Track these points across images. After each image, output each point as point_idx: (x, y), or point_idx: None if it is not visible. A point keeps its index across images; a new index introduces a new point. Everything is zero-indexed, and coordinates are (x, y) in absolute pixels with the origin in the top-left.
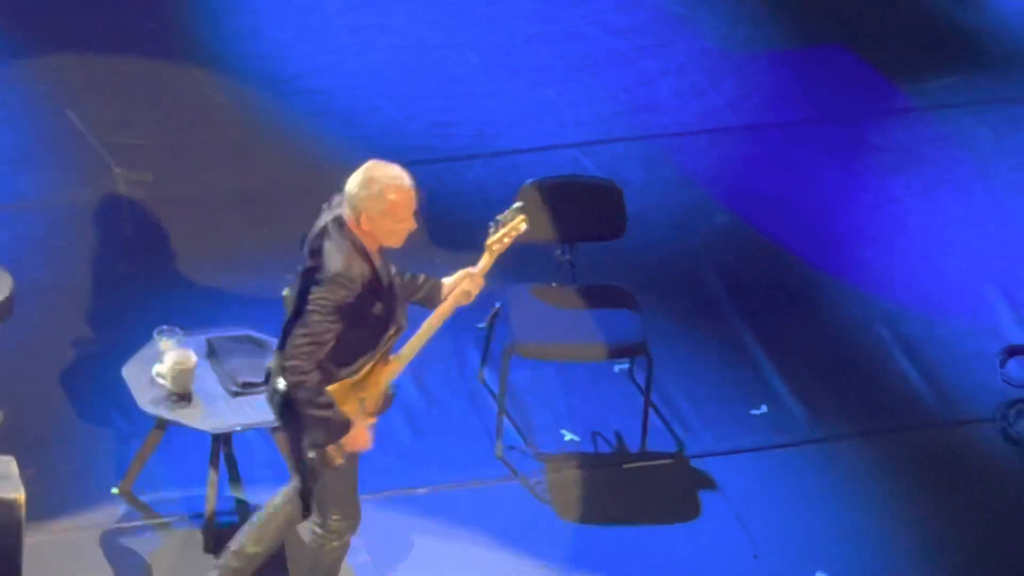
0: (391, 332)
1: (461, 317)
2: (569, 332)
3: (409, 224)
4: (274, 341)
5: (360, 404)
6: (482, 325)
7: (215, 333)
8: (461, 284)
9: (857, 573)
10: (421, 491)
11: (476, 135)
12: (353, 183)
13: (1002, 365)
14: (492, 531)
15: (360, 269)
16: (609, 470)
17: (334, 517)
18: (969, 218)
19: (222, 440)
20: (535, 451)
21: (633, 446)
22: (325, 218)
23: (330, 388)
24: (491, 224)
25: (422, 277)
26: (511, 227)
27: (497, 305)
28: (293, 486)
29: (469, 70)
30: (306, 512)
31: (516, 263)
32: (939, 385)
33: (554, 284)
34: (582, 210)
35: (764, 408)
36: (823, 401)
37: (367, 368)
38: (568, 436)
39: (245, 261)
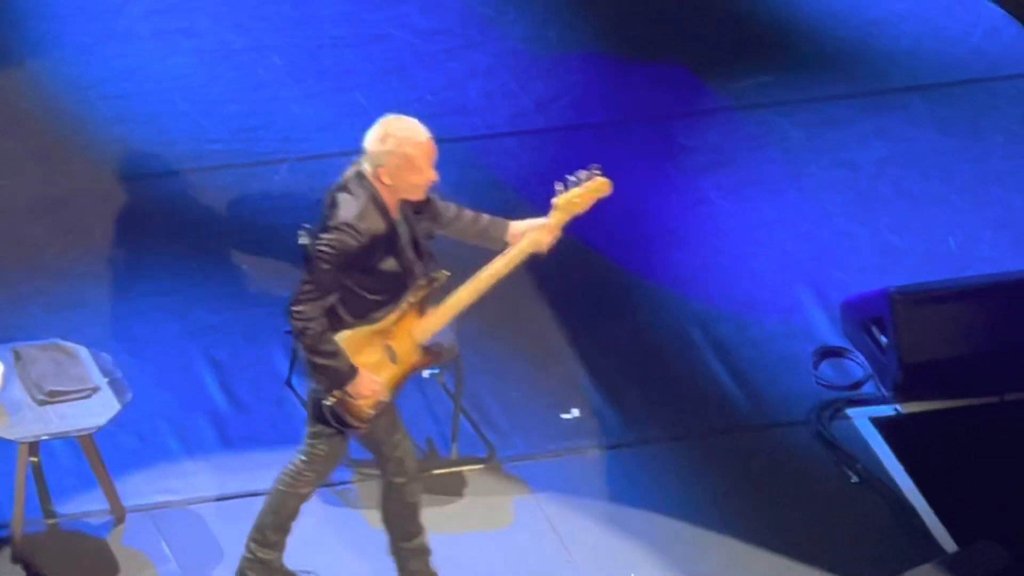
0: (421, 285)
1: (265, 323)
2: None
3: (429, 175)
4: (81, 349)
5: (388, 351)
6: (289, 331)
7: (21, 342)
8: (533, 232)
9: None
10: (230, 499)
11: (282, 139)
12: (370, 139)
13: (815, 367)
14: (302, 539)
15: (372, 222)
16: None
17: (402, 457)
18: (781, 219)
19: (28, 449)
20: (345, 457)
21: (444, 451)
22: (348, 172)
23: (349, 333)
24: (560, 183)
25: (486, 218)
26: (590, 187)
27: None
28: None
29: (275, 74)
30: None
31: None
32: (752, 387)
33: None
34: None
35: (575, 412)
36: (635, 404)
37: (392, 318)
38: None
39: (51, 269)
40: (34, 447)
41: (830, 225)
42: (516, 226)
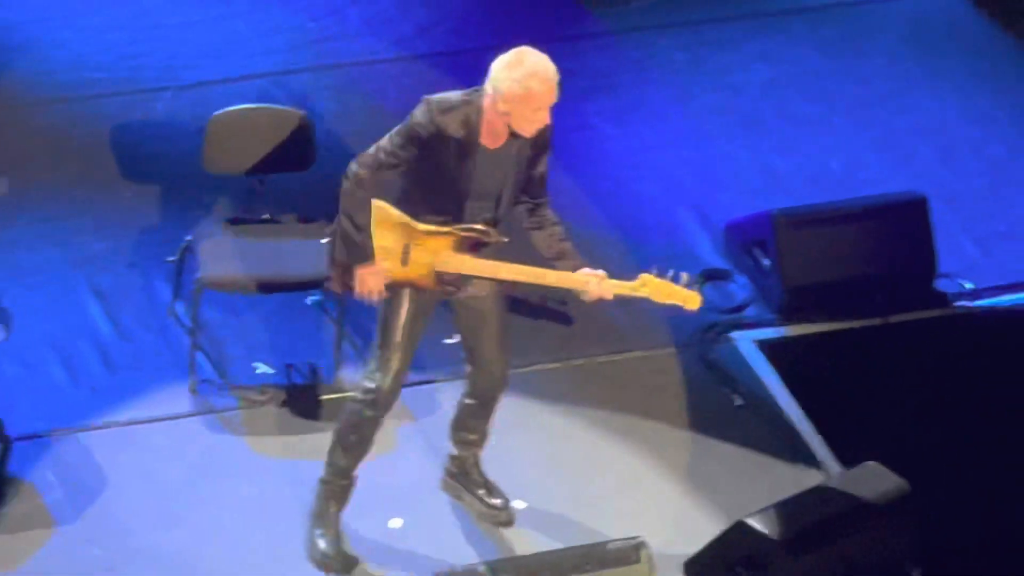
0: (476, 227)
1: (149, 251)
2: (260, 264)
3: (544, 116)
4: None
5: (405, 250)
6: (172, 259)
7: None
8: (586, 279)
9: (558, 502)
10: (115, 426)
11: (165, 67)
12: (499, 63)
13: (699, 289)
14: (187, 465)
15: (451, 121)
16: (304, 402)
17: (369, 365)
18: (664, 142)
19: None
20: (229, 385)
21: (328, 377)
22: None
23: (387, 206)
24: (656, 267)
25: (569, 247)
26: (681, 293)
27: (188, 238)
28: None
29: (156, 2)
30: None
31: (205, 195)
32: (636, 311)
33: (244, 216)
34: (271, 141)
35: (457, 338)
36: (518, 329)
37: (430, 227)
38: (261, 369)
39: None
40: None
41: (713, 148)
42: (578, 271)
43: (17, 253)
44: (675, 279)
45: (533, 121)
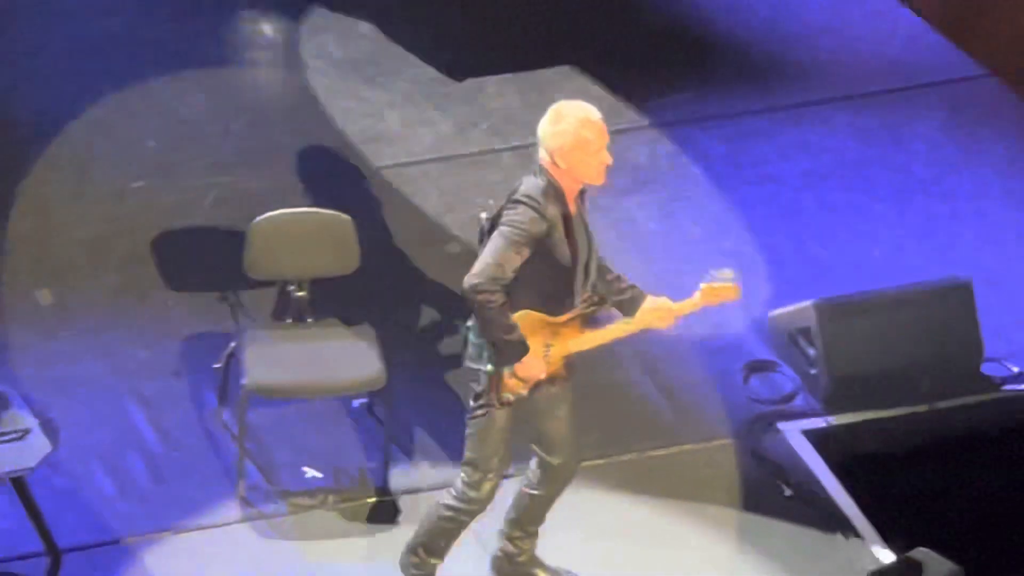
0: (595, 299)
1: (196, 359)
2: (306, 369)
3: (605, 157)
4: (10, 391)
5: (545, 349)
6: (218, 365)
7: None
8: (655, 312)
9: None
10: (165, 535)
11: (205, 172)
12: (543, 123)
13: (745, 381)
14: (238, 573)
15: (553, 208)
16: (353, 506)
17: (462, 474)
18: (706, 235)
19: None
20: (278, 490)
21: (377, 481)
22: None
23: (525, 312)
24: (713, 270)
25: (627, 283)
26: (723, 291)
27: (232, 344)
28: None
29: (194, 111)
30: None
31: (247, 300)
32: (683, 404)
33: (289, 321)
34: (314, 244)
35: None
36: None
37: (564, 317)
38: (310, 473)
39: None
40: None
41: (755, 239)
42: (648, 303)
43: (61, 365)
44: (711, 279)
45: (596, 165)
